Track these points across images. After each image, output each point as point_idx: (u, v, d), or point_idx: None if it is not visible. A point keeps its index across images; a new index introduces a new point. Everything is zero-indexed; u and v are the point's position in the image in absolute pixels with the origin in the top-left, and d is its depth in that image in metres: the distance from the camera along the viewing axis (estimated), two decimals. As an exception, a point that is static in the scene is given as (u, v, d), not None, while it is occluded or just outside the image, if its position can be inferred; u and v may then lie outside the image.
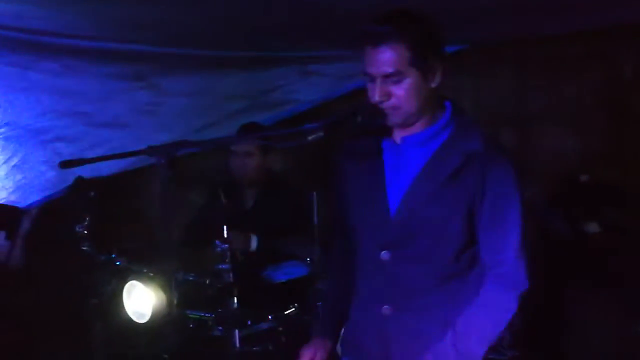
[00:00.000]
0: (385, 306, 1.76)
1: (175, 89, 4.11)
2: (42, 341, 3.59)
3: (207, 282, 2.37)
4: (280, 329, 2.48)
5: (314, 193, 2.46)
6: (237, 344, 2.41)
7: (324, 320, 1.98)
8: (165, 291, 2.12)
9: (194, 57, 4.02)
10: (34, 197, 4.13)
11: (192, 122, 4.15)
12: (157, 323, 2.24)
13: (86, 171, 3.95)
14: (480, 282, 1.68)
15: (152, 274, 2.23)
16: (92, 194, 3.81)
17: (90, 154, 4.14)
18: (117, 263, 2.56)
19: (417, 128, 1.73)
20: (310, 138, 1.52)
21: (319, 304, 2.38)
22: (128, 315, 2.44)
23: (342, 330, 1.95)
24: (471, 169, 1.66)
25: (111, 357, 2.74)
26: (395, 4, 1.64)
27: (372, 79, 1.65)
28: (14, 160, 4.18)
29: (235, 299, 2.35)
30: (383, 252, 1.74)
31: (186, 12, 3.29)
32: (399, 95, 1.64)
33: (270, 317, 2.46)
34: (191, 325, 2.54)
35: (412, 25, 1.64)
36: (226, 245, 2.33)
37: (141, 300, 2.17)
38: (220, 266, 2.35)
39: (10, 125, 4.19)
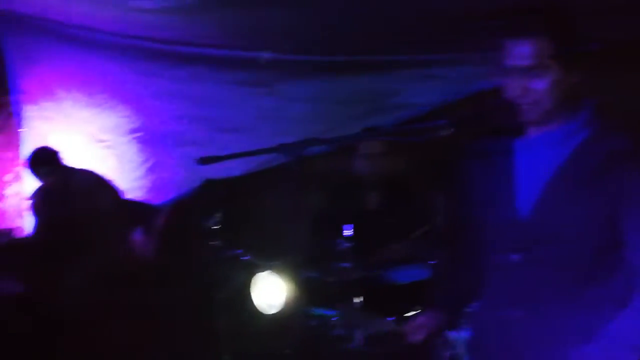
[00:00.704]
0: (513, 310, 1.70)
1: (296, 94, 4.23)
2: (170, 333, 3.80)
3: (330, 280, 2.41)
4: (403, 331, 2.47)
5: (438, 194, 2.44)
6: (359, 344, 2.43)
7: (441, 298, 1.96)
8: (293, 284, 2.18)
9: (315, 62, 4.12)
10: (167, 196, 4.39)
11: (312, 127, 4.23)
12: (285, 315, 2.31)
13: (215, 172, 4.20)
14: (623, 288, 1.59)
15: (280, 267, 2.30)
16: (222, 193, 4.02)
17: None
18: (244, 258, 2.66)
19: (554, 126, 1.66)
20: (440, 133, 1.51)
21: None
22: (254, 309, 2.53)
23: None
24: (614, 169, 1.57)
25: (236, 350, 2.85)
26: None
27: (511, 74, 1.61)
28: (150, 162, 4.49)
29: (358, 298, 2.37)
30: (513, 254, 1.68)
31: (309, 18, 3.40)
32: (538, 89, 1.58)
33: (392, 319, 2.46)
34: (312, 323, 2.59)
35: (553, 18, 1.59)
36: (350, 244, 2.36)
37: (271, 291, 2.24)
38: (343, 265, 2.39)
39: (146, 129, 4.52)
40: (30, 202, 3.82)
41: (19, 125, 4.72)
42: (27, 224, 4.40)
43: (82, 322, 3.46)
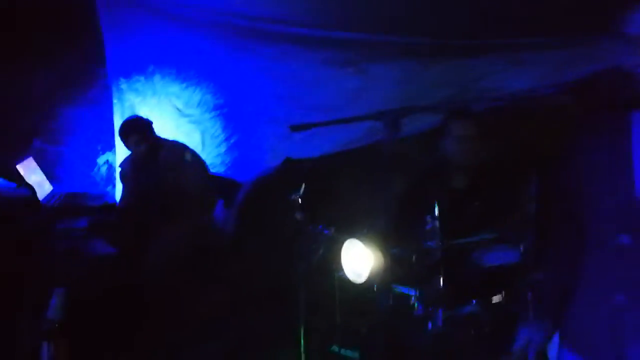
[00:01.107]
0: (620, 296, 1.61)
1: (383, 75, 4.17)
2: (249, 306, 3.85)
3: (414, 258, 2.37)
4: (484, 315, 2.40)
5: (532, 179, 2.34)
6: (439, 325, 2.38)
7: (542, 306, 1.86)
8: (382, 257, 2.16)
9: (404, 44, 4.06)
10: (249, 173, 4.45)
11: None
12: (369, 288, 2.29)
13: (298, 151, 4.24)
14: None
15: (369, 239, 2.27)
16: (303, 171, 4.03)
17: (299, 136, 4.38)
18: (326, 232, 2.66)
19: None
20: (557, 103, 1.43)
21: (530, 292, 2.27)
22: (335, 283, 2.52)
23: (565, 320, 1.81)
24: None
25: (312, 323, 2.85)
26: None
27: (634, 42, 1.51)
28: (234, 139, 4.57)
29: (442, 278, 2.32)
30: (623, 235, 1.59)
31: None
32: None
33: (474, 301, 2.39)
34: (391, 302, 2.56)
35: None
36: (436, 223, 2.31)
37: (360, 260, 2.23)
38: (428, 243, 2.34)
39: (231, 106, 4.60)
40: (120, 170, 3.95)
41: (111, 97, 4.91)
42: (117, 191, 4.60)
43: (164, 286, 3.56)
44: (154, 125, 3.86)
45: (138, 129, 3.73)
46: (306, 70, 4.28)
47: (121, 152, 4.91)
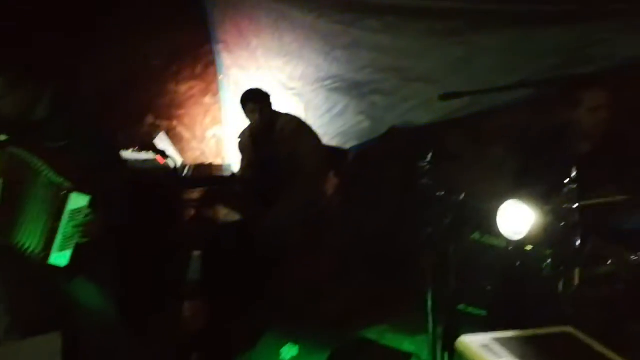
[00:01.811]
0: None
1: (487, 45, 4.19)
2: (354, 269, 4.03)
3: (551, 219, 2.46)
4: (619, 275, 2.47)
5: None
6: (572, 285, 2.47)
7: None
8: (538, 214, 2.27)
9: (508, 12, 4.07)
10: (351, 143, 4.60)
11: (502, 78, 4.21)
12: (531, 241, 2.39)
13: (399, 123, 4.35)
14: None
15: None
16: (407, 141, 4.15)
17: (403, 106, 4.49)
18: (455, 198, 2.77)
19: None
20: None
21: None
22: (468, 243, 2.65)
23: None
24: None
25: (439, 284, 2.99)
26: None
27: None
28: (336, 110, 4.72)
29: (579, 238, 2.40)
30: None
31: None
32: None
33: (610, 261, 2.47)
34: (518, 263, 2.66)
35: None
36: (573, 185, 2.39)
37: (518, 218, 2.34)
38: (565, 205, 2.42)
39: (334, 78, 4.73)
40: (239, 141, 4.17)
41: (217, 72, 5.14)
42: (229, 162, 4.85)
43: (283, 250, 3.78)
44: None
45: (257, 99, 3.92)
46: (410, 42, 4.35)
47: (229, 125, 5.16)
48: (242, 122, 4.73)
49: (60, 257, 2.39)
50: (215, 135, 5.16)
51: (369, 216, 4.17)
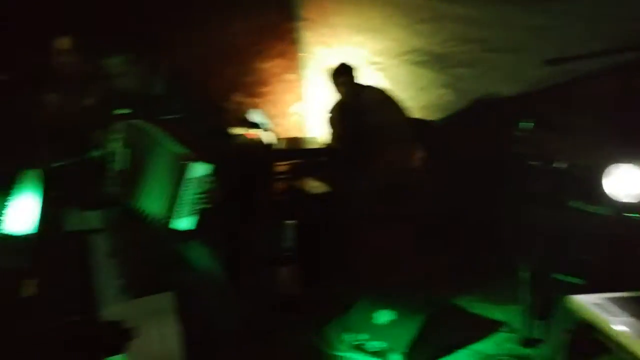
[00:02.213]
0: None
1: (571, 11, 4.11)
2: (440, 240, 4.06)
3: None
4: None
5: None
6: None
7: None
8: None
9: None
10: (435, 116, 4.61)
11: (587, 46, 4.11)
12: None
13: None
14: None
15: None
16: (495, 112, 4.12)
17: (488, 78, 4.46)
18: (557, 165, 2.76)
19: None
20: None
21: None
22: (567, 211, 2.65)
23: None
24: None
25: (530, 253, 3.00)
26: None
27: None
28: (420, 83, 4.73)
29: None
30: None
31: None
32: None
33: None
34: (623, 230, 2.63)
35: None
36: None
37: (629, 181, 2.33)
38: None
39: (417, 51, 4.74)
40: (329, 115, 4.26)
41: (299, 50, 5.24)
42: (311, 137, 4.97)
43: (369, 222, 3.86)
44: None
45: (344, 72, 4.00)
46: (492, 13, 4.31)
47: (310, 102, 5.26)
48: (325, 97, 4.83)
49: (181, 223, 2.55)
50: (298, 111, 5.28)
51: (455, 188, 4.19)
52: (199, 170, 2.49)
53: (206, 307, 2.76)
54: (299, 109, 5.29)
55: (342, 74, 4.01)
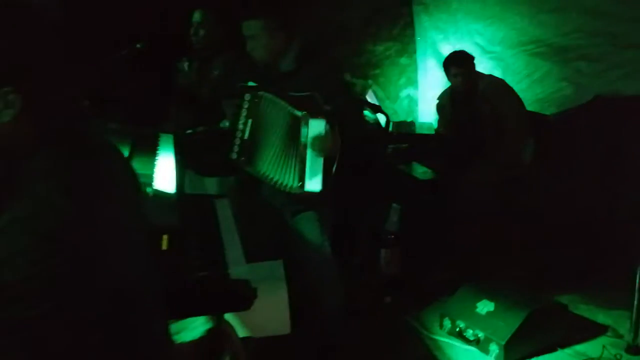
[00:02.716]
0: None
1: None
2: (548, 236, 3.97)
3: None
4: None
5: None
6: None
7: None
8: None
9: None
10: (550, 110, 4.49)
11: None
12: None
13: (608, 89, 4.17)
14: None
15: None
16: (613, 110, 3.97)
17: (612, 74, 4.28)
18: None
19: None
20: None
21: None
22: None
23: None
24: None
25: None
26: None
27: None
28: (536, 75, 4.62)
29: None
30: None
31: None
32: None
33: None
34: None
35: None
36: None
37: None
38: None
39: (537, 42, 4.62)
40: (438, 102, 4.27)
41: (414, 34, 5.24)
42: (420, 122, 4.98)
43: (477, 212, 3.85)
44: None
45: (460, 63, 3.97)
46: (625, 7, 4.13)
47: (423, 86, 5.26)
48: (439, 83, 4.81)
49: (313, 184, 2.58)
50: (409, 96, 5.29)
51: (568, 185, 4.09)
52: (317, 126, 2.49)
53: (313, 280, 2.88)
54: (411, 93, 5.30)
55: (456, 65, 3.96)
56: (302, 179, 2.58)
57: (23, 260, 0.97)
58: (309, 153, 2.55)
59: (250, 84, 2.72)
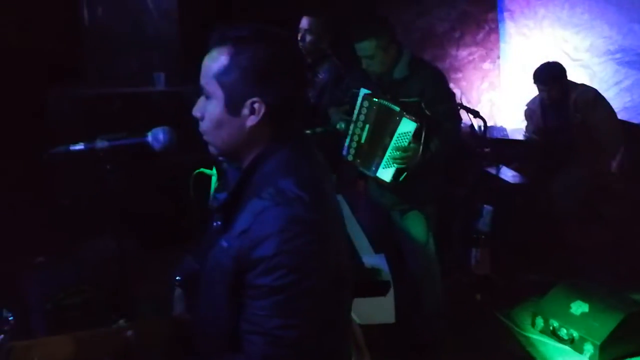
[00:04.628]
0: None
1: None
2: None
3: None
4: None
5: None
6: None
7: None
8: None
9: None
10: (638, 119, 4.53)
11: None
12: None
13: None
14: None
15: None
16: None
17: None
18: None
19: None
20: None
21: None
22: None
23: None
24: None
25: None
26: None
27: None
28: (625, 84, 4.66)
29: None
30: None
31: None
32: None
33: None
34: None
35: None
36: None
37: None
38: None
39: (626, 51, 4.66)
40: (526, 108, 4.36)
41: (499, 40, 5.34)
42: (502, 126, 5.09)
43: (564, 217, 3.95)
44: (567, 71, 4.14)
45: (545, 80, 4.01)
46: None
47: (506, 91, 5.36)
48: (522, 88, 4.89)
49: (384, 173, 2.87)
50: (491, 100, 5.40)
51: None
52: (407, 126, 2.75)
53: (418, 275, 3.06)
54: (494, 97, 5.40)
55: (545, 83, 3.99)
56: (377, 166, 2.86)
57: (278, 239, 1.19)
58: (391, 145, 2.81)
59: (364, 90, 2.93)
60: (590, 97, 4.03)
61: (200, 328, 1.36)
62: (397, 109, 2.78)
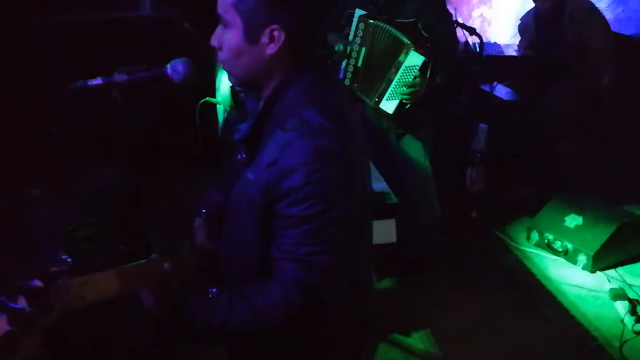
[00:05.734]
0: None
1: None
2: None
3: None
4: None
5: None
6: None
7: None
8: None
9: None
10: (631, 30, 4.50)
11: None
12: None
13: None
14: None
15: None
16: None
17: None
18: None
19: None
20: None
21: None
22: None
23: None
24: None
25: None
26: None
27: None
28: (619, -6, 4.61)
29: None
30: None
31: None
32: None
33: None
34: None
35: None
36: None
37: None
38: None
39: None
40: (520, 22, 4.30)
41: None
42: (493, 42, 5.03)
43: (557, 132, 3.98)
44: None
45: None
46: None
47: (496, 6, 5.26)
48: (512, 3, 4.81)
49: (387, 105, 2.85)
50: (482, 15, 5.30)
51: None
52: (414, 59, 2.70)
53: (416, 196, 3.11)
54: (484, 12, 5.31)
55: None
56: (380, 97, 2.83)
57: (305, 170, 1.20)
58: (397, 78, 2.77)
59: (359, 11, 2.86)
60: (586, 10, 3.97)
61: (228, 257, 1.38)
62: (406, 40, 2.71)
